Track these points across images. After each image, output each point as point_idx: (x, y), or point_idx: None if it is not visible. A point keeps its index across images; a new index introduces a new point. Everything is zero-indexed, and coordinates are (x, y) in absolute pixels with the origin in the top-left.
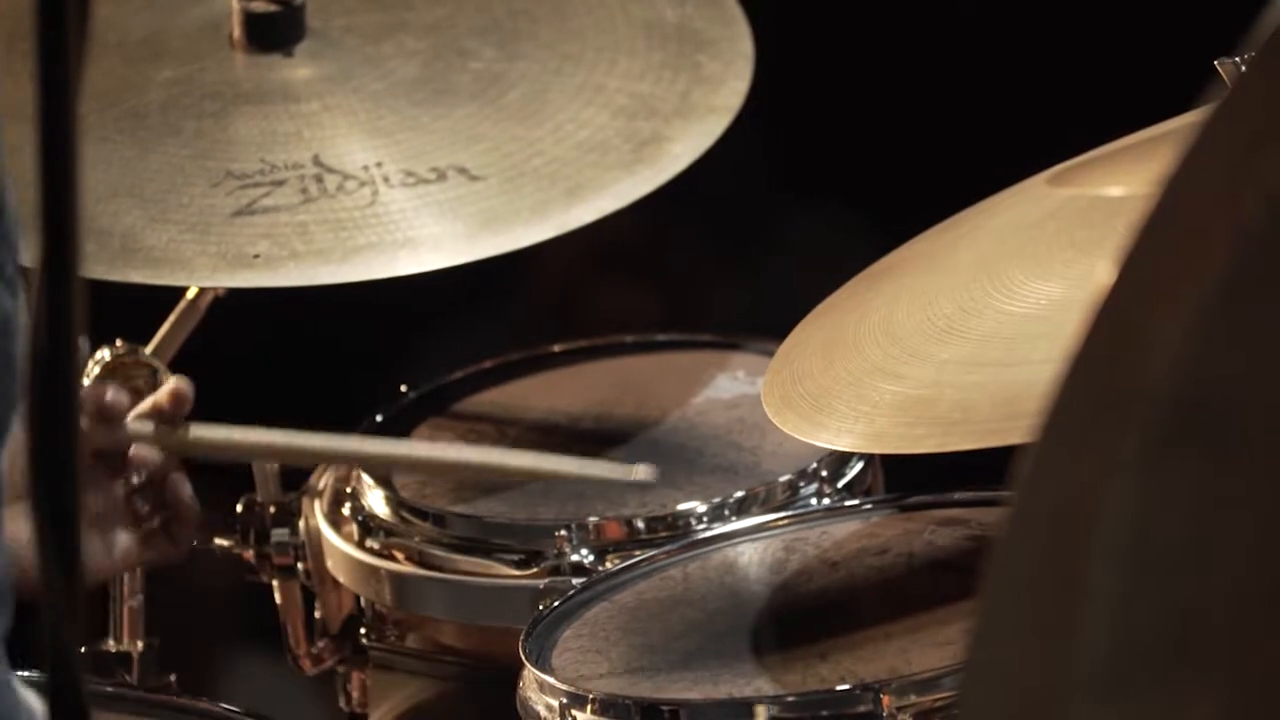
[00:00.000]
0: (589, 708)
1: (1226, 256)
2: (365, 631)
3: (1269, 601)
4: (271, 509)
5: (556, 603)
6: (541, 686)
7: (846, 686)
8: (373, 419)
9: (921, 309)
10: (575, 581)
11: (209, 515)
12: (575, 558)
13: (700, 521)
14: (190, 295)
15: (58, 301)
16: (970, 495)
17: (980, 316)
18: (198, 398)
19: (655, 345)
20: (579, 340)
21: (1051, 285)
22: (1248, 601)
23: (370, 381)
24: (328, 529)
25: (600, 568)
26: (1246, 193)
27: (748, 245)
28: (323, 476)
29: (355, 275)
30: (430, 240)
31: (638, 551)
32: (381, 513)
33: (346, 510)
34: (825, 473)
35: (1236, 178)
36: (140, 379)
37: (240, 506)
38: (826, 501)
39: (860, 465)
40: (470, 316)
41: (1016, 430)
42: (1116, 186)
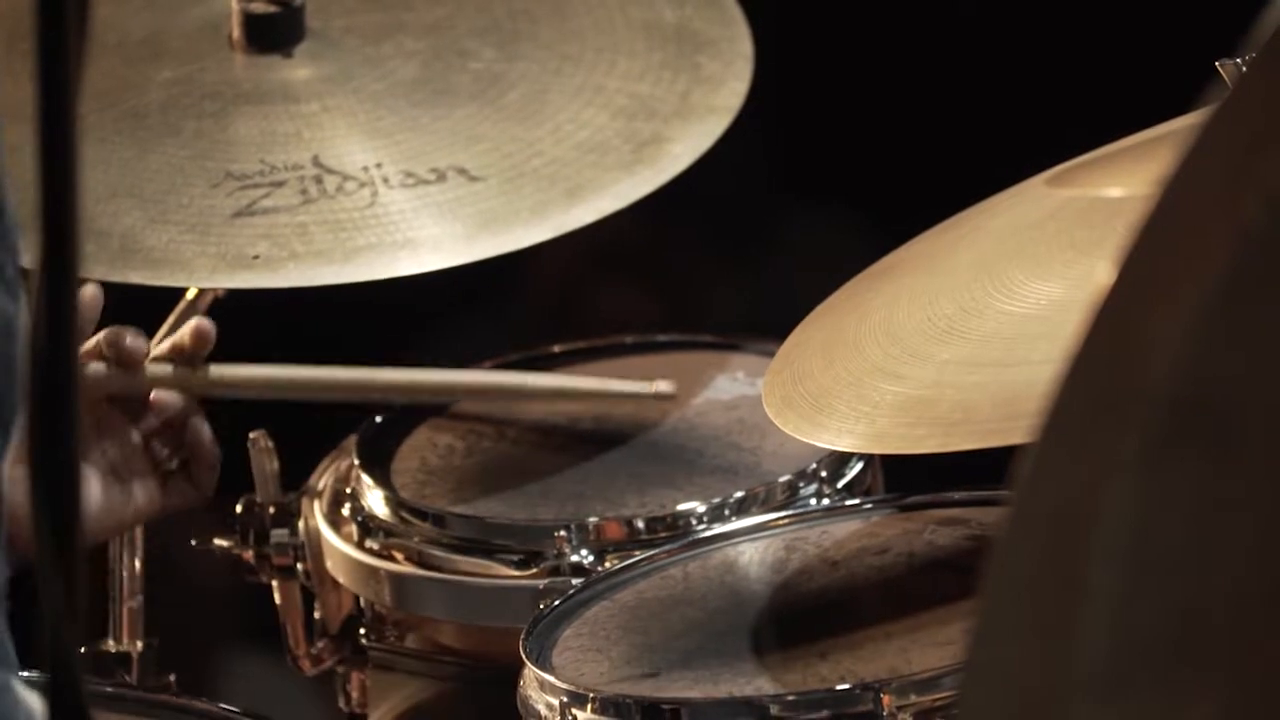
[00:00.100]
0: (589, 707)
1: (1226, 257)
2: (365, 632)
3: (1269, 602)
4: (271, 509)
5: (557, 602)
6: (542, 685)
7: (847, 686)
8: (372, 419)
9: (922, 309)
10: (575, 582)
11: (208, 516)
12: (575, 558)
13: (700, 522)
14: (190, 296)
15: (57, 302)
16: (970, 495)
17: (980, 317)
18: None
19: (655, 346)
20: (578, 341)
21: (1051, 286)
22: (1248, 602)
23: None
24: (327, 529)
25: (600, 568)
26: (1247, 194)
27: (747, 246)
28: (322, 477)
29: (355, 276)
30: (430, 241)
31: (637, 552)
32: (381, 513)
33: (346, 511)
34: (825, 473)
35: (1237, 179)
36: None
37: (240, 507)
38: (826, 502)
39: (860, 466)
40: (470, 317)
41: (1017, 430)
42: (1116, 187)
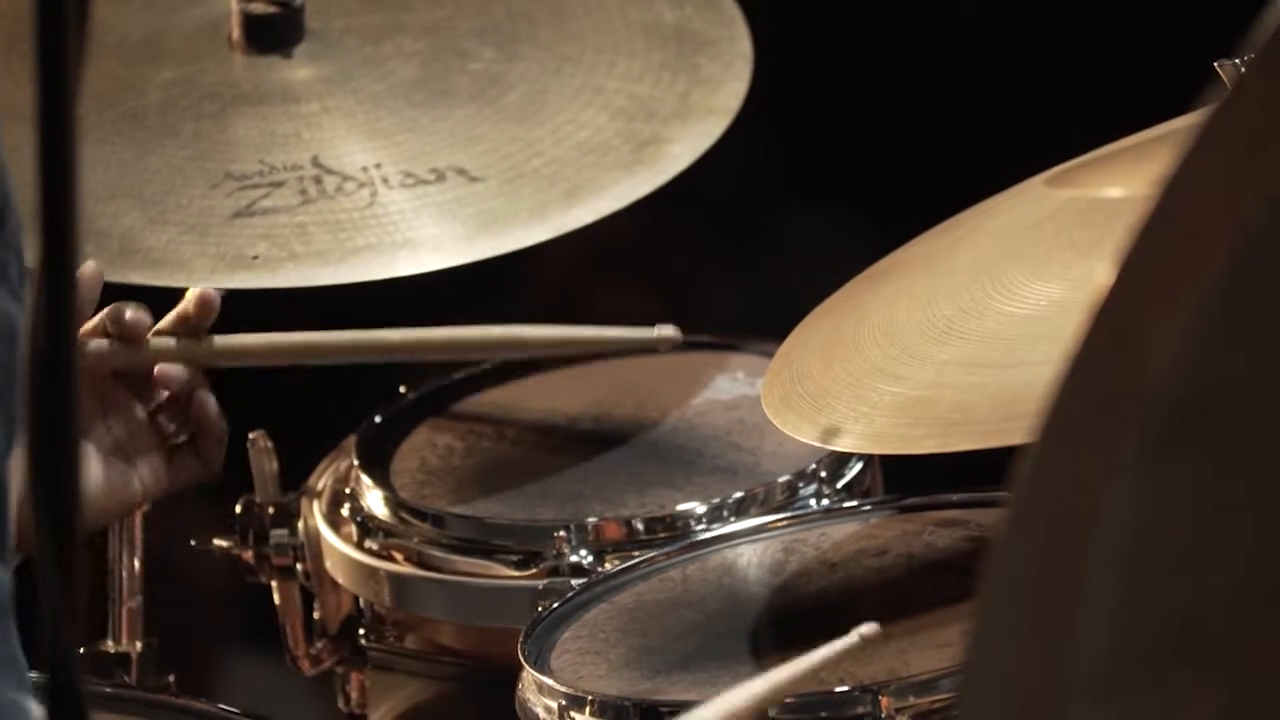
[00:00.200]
0: (588, 709)
1: (1226, 257)
2: (364, 632)
3: (1268, 602)
4: (270, 510)
5: (555, 604)
6: (540, 688)
7: (845, 688)
8: (372, 420)
9: (921, 310)
10: (574, 582)
11: (207, 517)
12: (574, 558)
13: (699, 522)
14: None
15: (57, 302)
16: (969, 496)
17: (980, 318)
18: None
19: (654, 347)
20: None
21: (1051, 286)
22: (1247, 602)
23: (369, 383)
24: (326, 530)
25: (599, 568)
26: (1246, 194)
27: (747, 246)
28: (321, 477)
29: (354, 276)
30: (429, 241)
31: (637, 552)
32: (380, 513)
33: (345, 511)
34: (824, 473)
35: (1236, 179)
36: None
37: (239, 507)
38: (825, 502)
39: (859, 466)
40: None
41: (1016, 431)
42: (1116, 188)
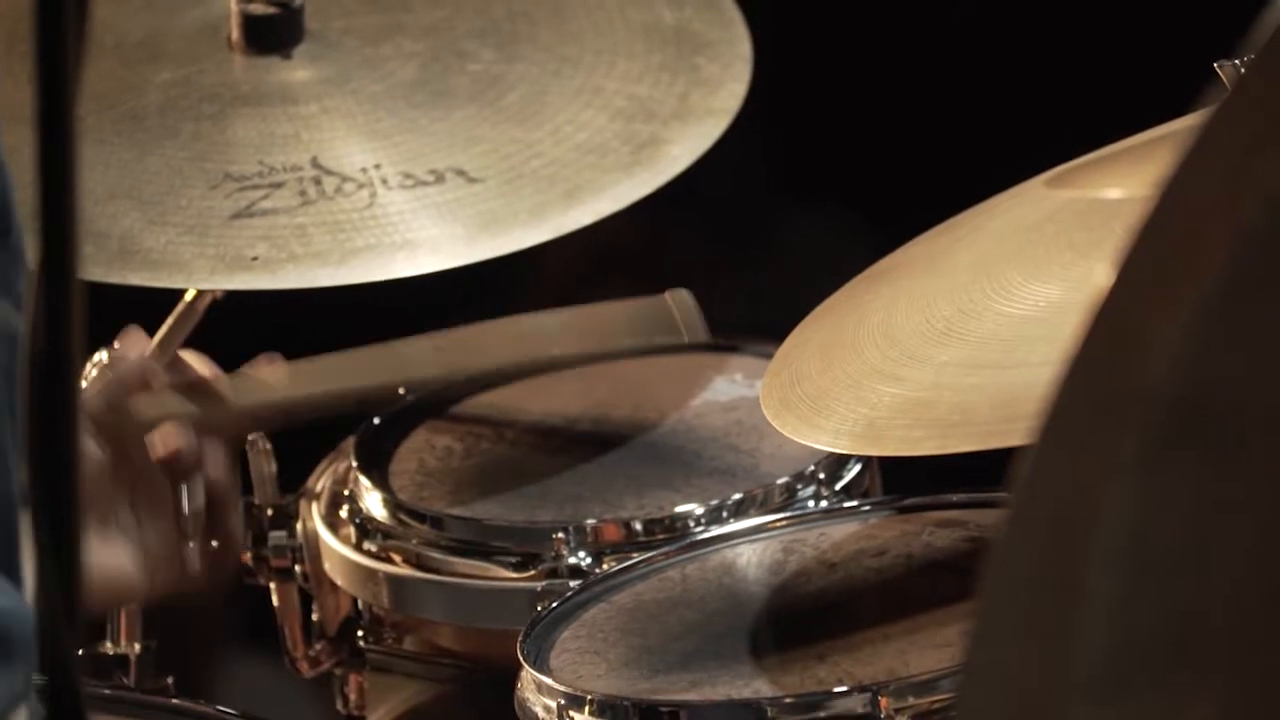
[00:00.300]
0: (587, 709)
1: (1225, 258)
2: (363, 634)
3: (1268, 603)
4: (269, 511)
5: (555, 604)
6: (539, 687)
7: (844, 688)
8: (370, 421)
9: (920, 311)
10: (573, 584)
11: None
12: (573, 560)
13: (698, 524)
14: (188, 298)
15: (56, 304)
16: (968, 497)
17: (979, 319)
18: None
19: (653, 348)
20: None
21: (1050, 287)
22: (1247, 604)
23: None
24: (325, 531)
25: (598, 570)
26: (1245, 195)
27: (746, 248)
28: (320, 479)
29: (353, 277)
30: (428, 242)
31: (635, 554)
32: (379, 515)
33: (344, 513)
34: (823, 475)
35: (1235, 180)
36: None
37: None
38: (824, 504)
39: (858, 467)
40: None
41: (1015, 432)
42: (1115, 189)
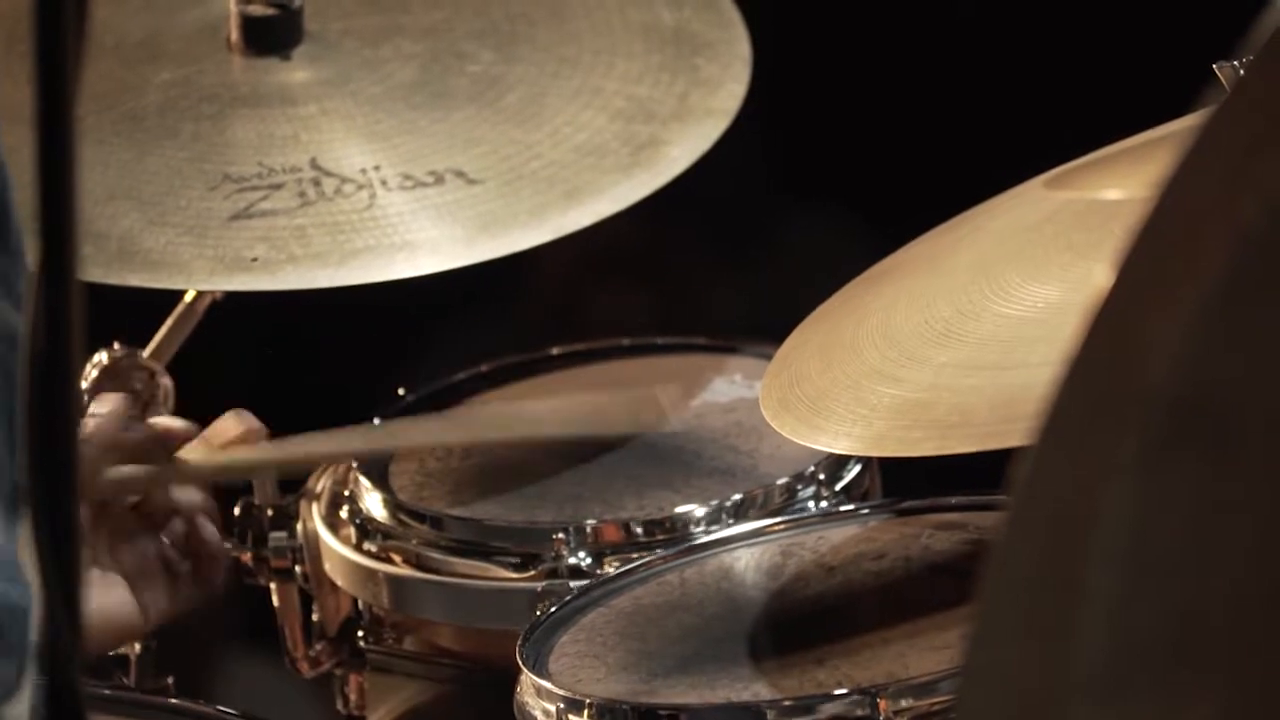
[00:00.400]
0: (586, 713)
1: (1224, 259)
2: (363, 634)
3: (1267, 604)
4: (269, 512)
5: (554, 608)
6: (539, 692)
7: (843, 691)
8: (370, 422)
9: (919, 312)
10: (573, 584)
11: None
12: (573, 560)
13: (698, 524)
14: (188, 298)
15: (56, 304)
16: (968, 499)
17: (978, 320)
18: (196, 400)
19: (652, 349)
20: (576, 343)
21: (1049, 288)
22: (1246, 604)
23: (368, 385)
24: (325, 532)
25: (598, 570)
26: (1245, 196)
27: (745, 248)
28: (320, 479)
29: (353, 278)
30: (428, 243)
31: (635, 554)
32: (379, 515)
33: (344, 513)
34: (823, 476)
35: (1235, 181)
36: (138, 382)
37: (238, 509)
38: (824, 504)
39: (858, 468)
40: (468, 320)
41: (1014, 433)
42: (1114, 190)
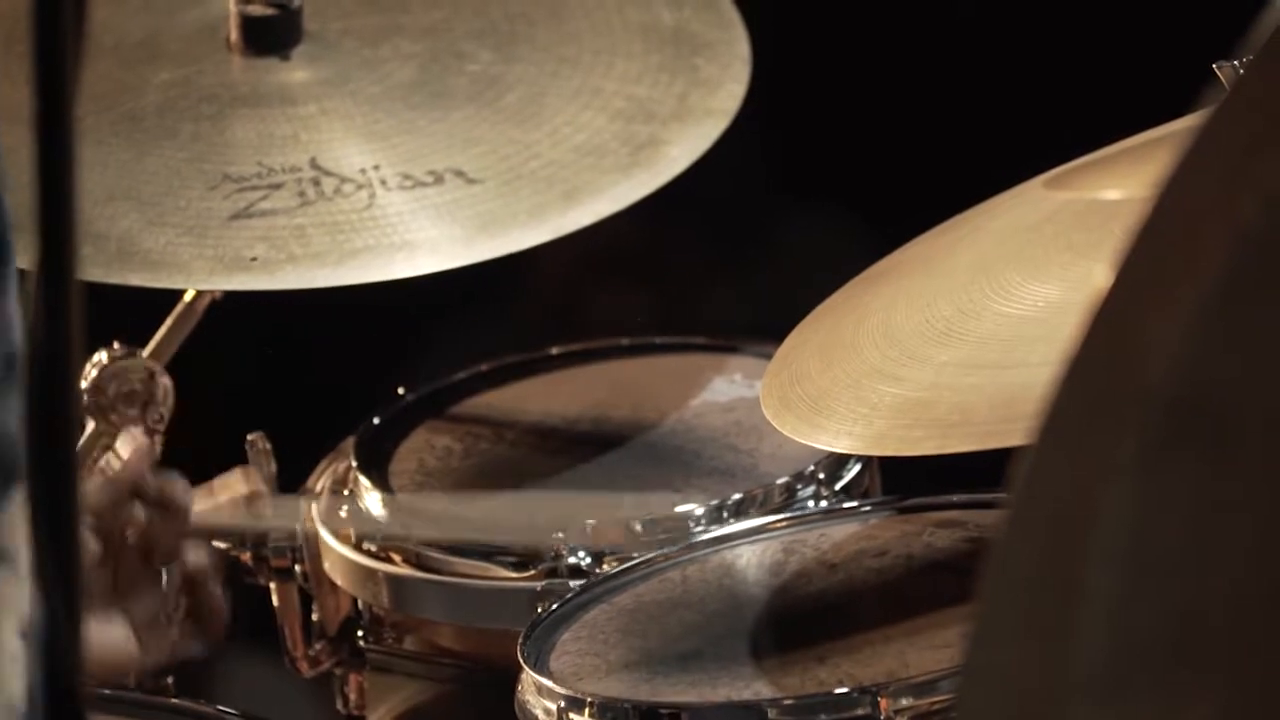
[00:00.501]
0: (587, 711)
1: (1224, 259)
2: (363, 634)
3: (1267, 603)
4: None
5: (555, 605)
6: (539, 689)
7: (844, 689)
8: (370, 422)
9: (920, 311)
10: (573, 584)
11: None
12: (573, 560)
13: (698, 524)
14: (187, 298)
15: (55, 304)
16: (968, 497)
17: (978, 319)
18: (195, 400)
19: (652, 348)
20: (576, 343)
21: (1049, 288)
22: (1246, 604)
23: (367, 384)
24: (325, 531)
25: (598, 570)
26: (1244, 195)
27: (745, 248)
28: (320, 479)
29: (352, 278)
30: (427, 243)
31: (635, 554)
32: (379, 515)
33: (344, 513)
34: (823, 475)
35: (1234, 180)
36: (137, 382)
37: None
38: (824, 504)
39: (858, 467)
40: (467, 320)
41: (1014, 432)
42: (1114, 189)
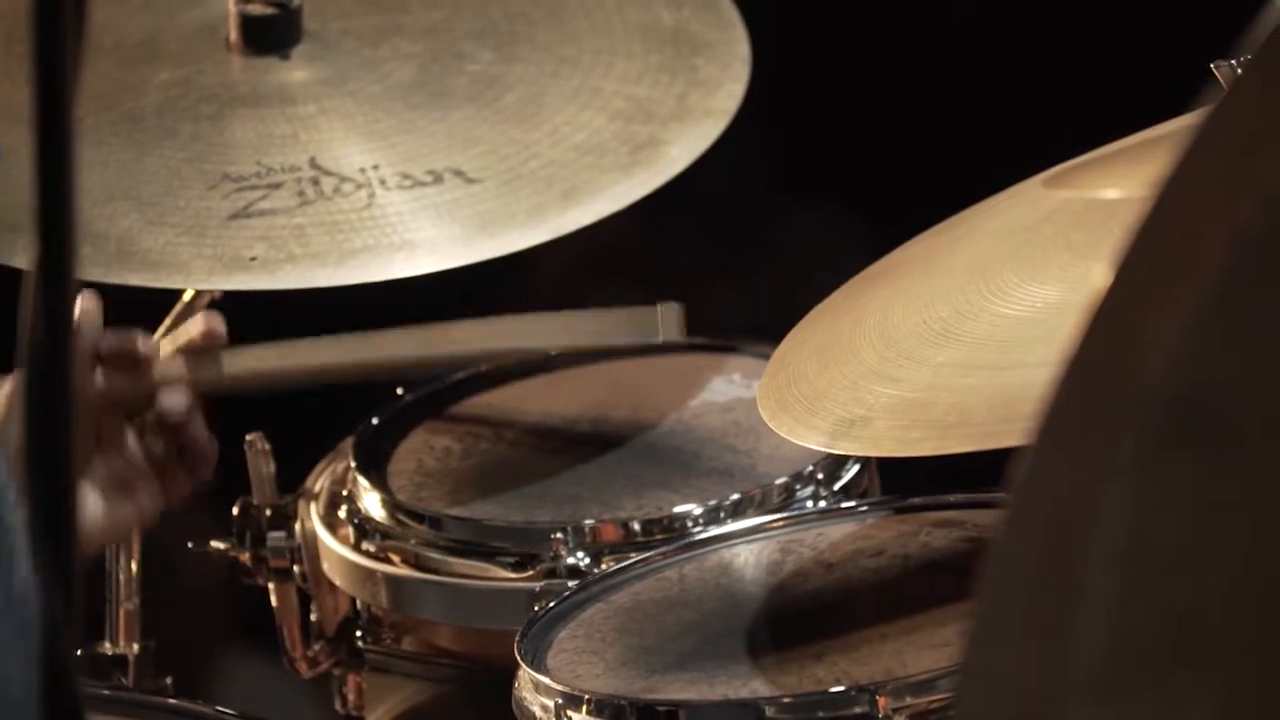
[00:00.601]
0: (584, 708)
1: (1223, 259)
2: (361, 634)
3: (1266, 603)
4: (267, 512)
5: (552, 603)
6: (537, 687)
7: (842, 688)
8: (369, 422)
9: (917, 312)
10: (571, 584)
11: (205, 519)
12: (571, 560)
13: (696, 524)
14: (187, 298)
15: (54, 305)
16: (966, 498)
17: (976, 319)
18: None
19: (651, 348)
20: None
21: (1048, 288)
22: (1245, 604)
23: (367, 385)
24: (324, 532)
25: (596, 570)
26: (1243, 195)
27: (744, 248)
28: (319, 479)
29: (352, 278)
30: (427, 243)
31: (633, 554)
32: (377, 515)
33: (342, 513)
34: (821, 475)
35: (1233, 180)
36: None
37: (236, 509)
38: (822, 504)
39: (856, 468)
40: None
41: (1012, 433)
42: (1113, 189)
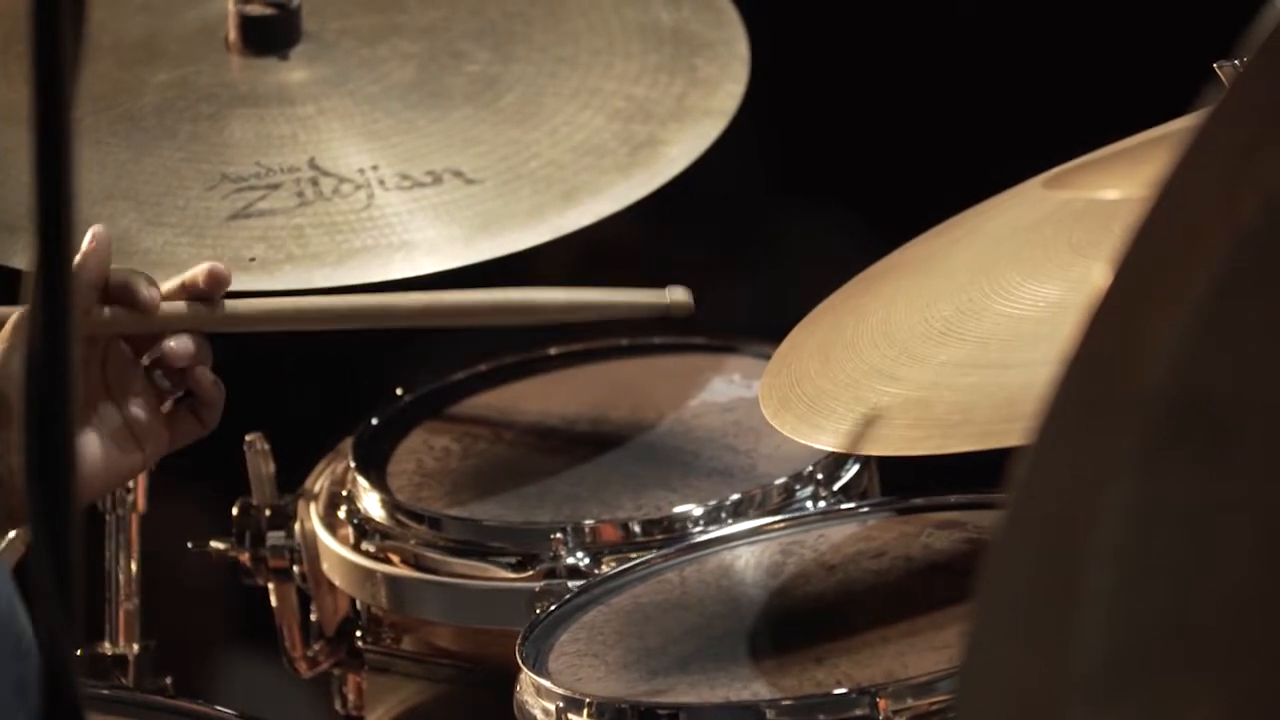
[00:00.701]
0: (585, 711)
1: (1223, 258)
2: (361, 634)
3: (1266, 604)
4: (267, 512)
5: (553, 606)
6: (538, 690)
7: (843, 690)
8: (368, 422)
9: (919, 311)
10: (571, 584)
11: (204, 519)
12: (571, 560)
13: (696, 524)
14: None
15: (53, 305)
16: (967, 498)
17: (977, 319)
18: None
19: (651, 348)
20: (575, 343)
21: (1048, 288)
22: (1245, 604)
23: (366, 385)
24: (323, 532)
25: (596, 570)
26: (1243, 195)
27: (744, 248)
28: (318, 480)
29: (351, 278)
30: (426, 243)
31: (633, 554)
32: (377, 516)
33: (342, 513)
34: (821, 475)
35: (1233, 180)
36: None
37: (236, 509)
38: (822, 504)
39: (856, 468)
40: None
41: (1014, 432)
42: (1113, 189)
